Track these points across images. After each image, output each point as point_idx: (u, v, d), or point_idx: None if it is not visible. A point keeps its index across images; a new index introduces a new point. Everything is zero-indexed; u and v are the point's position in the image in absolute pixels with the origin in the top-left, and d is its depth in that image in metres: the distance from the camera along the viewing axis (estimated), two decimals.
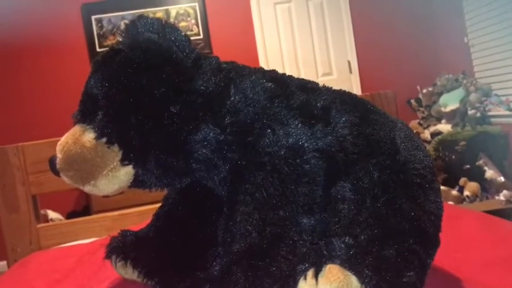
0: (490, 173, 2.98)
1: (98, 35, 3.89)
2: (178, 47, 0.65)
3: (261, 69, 0.74)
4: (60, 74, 3.78)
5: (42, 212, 2.76)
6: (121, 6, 3.91)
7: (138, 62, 0.63)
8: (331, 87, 0.77)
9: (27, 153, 1.55)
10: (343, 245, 0.58)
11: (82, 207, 3.56)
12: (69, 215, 3.43)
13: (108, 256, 0.77)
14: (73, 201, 3.65)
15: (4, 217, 1.53)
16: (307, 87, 0.73)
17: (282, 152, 0.63)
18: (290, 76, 0.75)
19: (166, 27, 0.66)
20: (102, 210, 2.74)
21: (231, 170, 0.66)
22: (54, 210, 3.29)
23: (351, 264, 0.55)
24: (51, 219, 3.16)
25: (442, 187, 2.91)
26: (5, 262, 1.58)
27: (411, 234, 0.61)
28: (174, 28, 0.67)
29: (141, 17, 0.67)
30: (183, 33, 0.67)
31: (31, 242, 1.54)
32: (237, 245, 0.60)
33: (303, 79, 0.76)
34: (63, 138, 0.67)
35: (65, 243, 1.51)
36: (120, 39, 0.67)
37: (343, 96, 0.74)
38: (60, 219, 3.22)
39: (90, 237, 1.52)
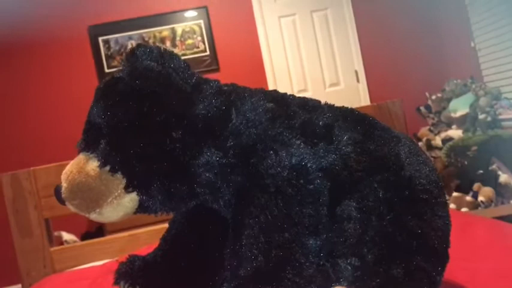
0: (504, 177, 2.93)
1: (106, 55, 3.94)
2: (178, 73, 0.66)
3: (262, 90, 0.74)
4: (70, 96, 3.82)
5: (56, 233, 2.79)
6: (127, 27, 3.95)
7: (139, 89, 0.64)
8: (333, 105, 0.77)
9: (39, 177, 1.57)
10: (349, 267, 0.58)
11: (95, 227, 3.58)
12: (83, 236, 3.45)
13: (116, 282, 0.77)
14: (86, 221, 3.67)
15: (18, 241, 1.54)
16: (308, 105, 0.72)
17: (285, 173, 0.63)
18: (291, 95, 0.75)
19: (165, 54, 0.67)
20: (115, 230, 2.75)
21: (235, 192, 0.66)
22: (68, 231, 3.31)
23: (358, 286, 0.55)
24: (66, 241, 3.17)
25: (455, 193, 2.90)
26: (19, 286, 1.59)
27: (419, 252, 0.60)
28: (172, 55, 0.67)
29: (140, 45, 0.68)
30: (182, 60, 0.68)
31: (45, 265, 1.55)
32: (244, 269, 0.60)
33: (305, 97, 0.76)
34: (67, 167, 0.68)
35: (79, 265, 1.52)
36: (121, 68, 0.68)
37: (346, 113, 0.74)
38: (75, 241, 3.23)
39: (103, 258, 1.52)
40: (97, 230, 3.49)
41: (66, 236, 3.24)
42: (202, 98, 0.66)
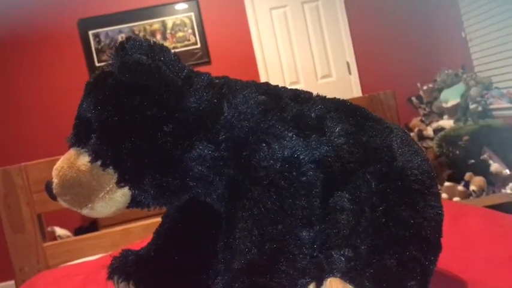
0: (495, 166, 2.96)
1: (96, 49, 3.91)
2: (168, 66, 0.65)
3: (254, 82, 0.74)
4: (60, 91, 3.79)
5: (49, 229, 2.77)
6: (117, 20, 3.92)
7: (129, 83, 0.63)
8: (325, 96, 0.76)
9: (30, 173, 1.56)
10: (343, 258, 0.58)
11: (89, 222, 3.56)
12: (77, 231, 3.44)
13: (110, 277, 0.77)
14: (80, 216, 3.65)
15: (10, 237, 1.54)
16: (300, 97, 0.72)
17: (278, 166, 0.63)
18: (283, 87, 0.75)
19: (155, 47, 0.66)
20: (109, 224, 2.75)
21: (227, 186, 0.66)
22: (61, 226, 3.30)
23: (351, 276, 0.55)
24: (59, 236, 3.16)
25: (447, 183, 2.91)
26: (12, 282, 1.58)
27: (411, 242, 0.61)
28: (162, 48, 0.67)
29: (129, 38, 0.67)
30: (172, 52, 0.67)
31: (38, 261, 1.55)
32: (237, 261, 0.60)
33: (297, 89, 0.76)
34: (58, 163, 0.67)
35: (73, 260, 1.52)
36: (110, 62, 0.67)
37: (338, 105, 0.74)
38: (68, 236, 3.22)
39: (97, 253, 1.52)
40: (90, 225, 3.48)
41: (59, 231, 3.24)
42: (194, 91, 0.66)
